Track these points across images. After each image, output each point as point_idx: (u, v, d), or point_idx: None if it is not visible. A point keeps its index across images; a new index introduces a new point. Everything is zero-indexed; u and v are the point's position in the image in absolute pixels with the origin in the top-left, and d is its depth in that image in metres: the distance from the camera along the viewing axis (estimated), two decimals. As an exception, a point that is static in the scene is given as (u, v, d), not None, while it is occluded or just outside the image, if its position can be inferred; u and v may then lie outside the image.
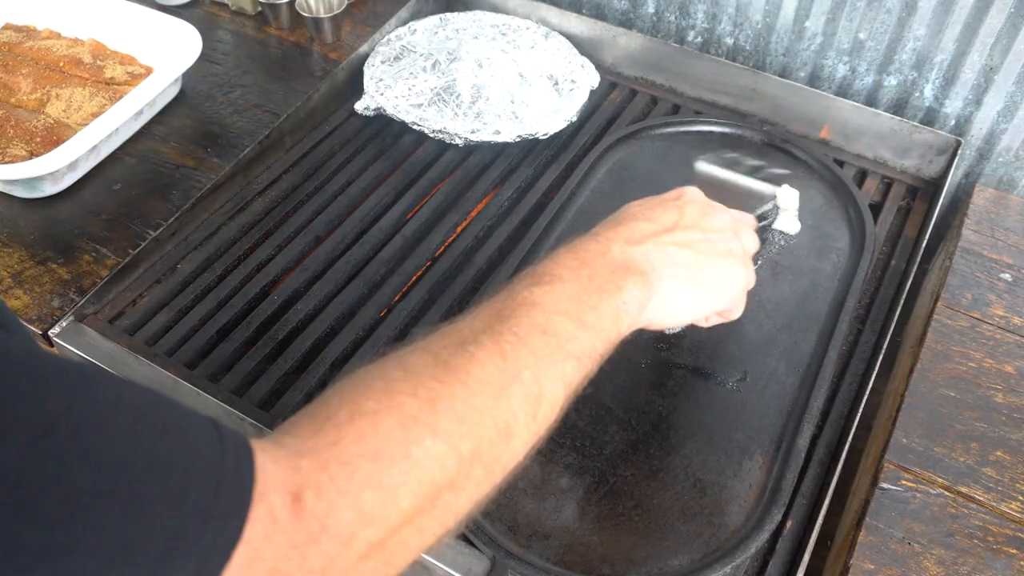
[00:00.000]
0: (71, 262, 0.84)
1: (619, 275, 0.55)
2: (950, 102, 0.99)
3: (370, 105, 1.00)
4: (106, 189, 0.92)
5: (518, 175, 0.96)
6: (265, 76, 1.06)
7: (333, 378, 0.76)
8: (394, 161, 0.98)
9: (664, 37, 1.12)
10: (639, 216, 0.60)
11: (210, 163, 0.95)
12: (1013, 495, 0.67)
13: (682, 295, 0.59)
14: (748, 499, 0.69)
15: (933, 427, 0.71)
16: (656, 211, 0.61)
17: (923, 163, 0.98)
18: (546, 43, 1.08)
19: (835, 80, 1.05)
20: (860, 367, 0.80)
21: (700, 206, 0.63)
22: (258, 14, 1.15)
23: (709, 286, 0.61)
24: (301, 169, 0.96)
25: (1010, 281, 0.83)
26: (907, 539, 0.64)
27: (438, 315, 0.81)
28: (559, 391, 0.49)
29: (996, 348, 0.77)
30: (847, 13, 0.98)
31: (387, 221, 0.91)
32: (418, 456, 0.42)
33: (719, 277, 0.62)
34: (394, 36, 1.08)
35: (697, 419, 0.74)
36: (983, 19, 0.91)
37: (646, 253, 0.57)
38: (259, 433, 0.71)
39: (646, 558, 0.65)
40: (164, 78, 0.95)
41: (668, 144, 1.00)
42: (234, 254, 0.87)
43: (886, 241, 0.92)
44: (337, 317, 0.81)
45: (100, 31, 1.05)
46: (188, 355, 0.78)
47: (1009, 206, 0.92)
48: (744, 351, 0.79)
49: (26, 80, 0.98)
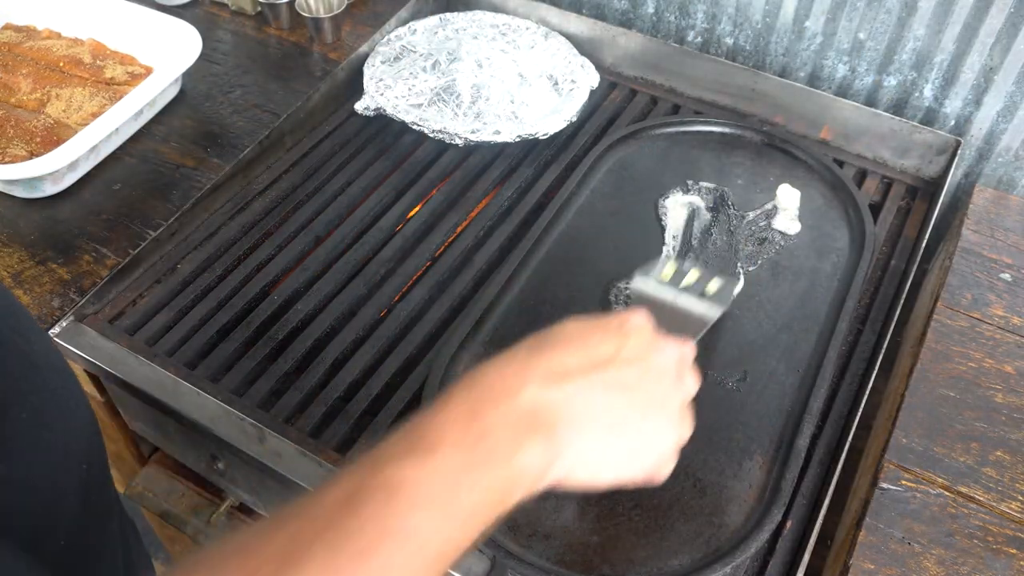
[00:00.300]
0: (71, 262, 0.84)
1: (520, 433, 0.44)
2: (950, 102, 0.99)
3: (370, 105, 1.00)
4: (106, 189, 0.92)
5: (518, 175, 0.96)
6: (265, 76, 1.06)
7: (333, 378, 0.76)
8: (394, 161, 0.98)
9: (664, 37, 1.12)
10: (571, 342, 0.49)
11: (210, 163, 0.95)
12: (1013, 495, 0.67)
13: (597, 457, 0.48)
14: (748, 499, 0.69)
15: (933, 427, 0.71)
16: (594, 337, 0.50)
17: (923, 163, 0.98)
18: (546, 43, 1.08)
19: (835, 80, 1.05)
20: (860, 367, 0.80)
21: (645, 339, 0.51)
22: (258, 14, 1.15)
23: (633, 447, 0.49)
24: (301, 169, 0.96)
25: (1010, 281, 0.83)
26: (907, 539, 0.64)
27: (438, 315, 0.81)
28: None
29: (996, 348, 0.77)
30: (847, 13, 0.98)
31: (387, 221, 0.91)
32: None
33: (647, 436, 0.50)
34: (394, 36, 1.08)
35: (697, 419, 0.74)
36: (983, 19, 0.91)
37: (565, 399, 0.46)
38: (259, 433, 0.71)
39: (646, 558, 0.65)
40: (164, 78, 0.95)
41: (668, 144, 1.00)
42: (234, 254, 0.87)
43: (886, 241, 0.92)
44: (337, 317, 0.81)
45: (100, 31, 1.05)
46: (188, 355, 0.78)
47: (1009, 206, 0.92)
48: (744, 351, 0.79)
49: (26, 80, 0.98)
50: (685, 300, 0.61)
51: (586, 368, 0.48)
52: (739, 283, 0.77)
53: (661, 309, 0.59)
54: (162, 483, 0.86)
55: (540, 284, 0.84)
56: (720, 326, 0.81)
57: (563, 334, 0.50)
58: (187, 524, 0.83)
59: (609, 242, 0.89)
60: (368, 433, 0.73)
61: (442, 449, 0.42)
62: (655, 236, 0.89)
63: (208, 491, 0.85)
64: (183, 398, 0.74)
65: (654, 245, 0.88)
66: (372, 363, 0.78)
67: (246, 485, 0.81)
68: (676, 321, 0.59)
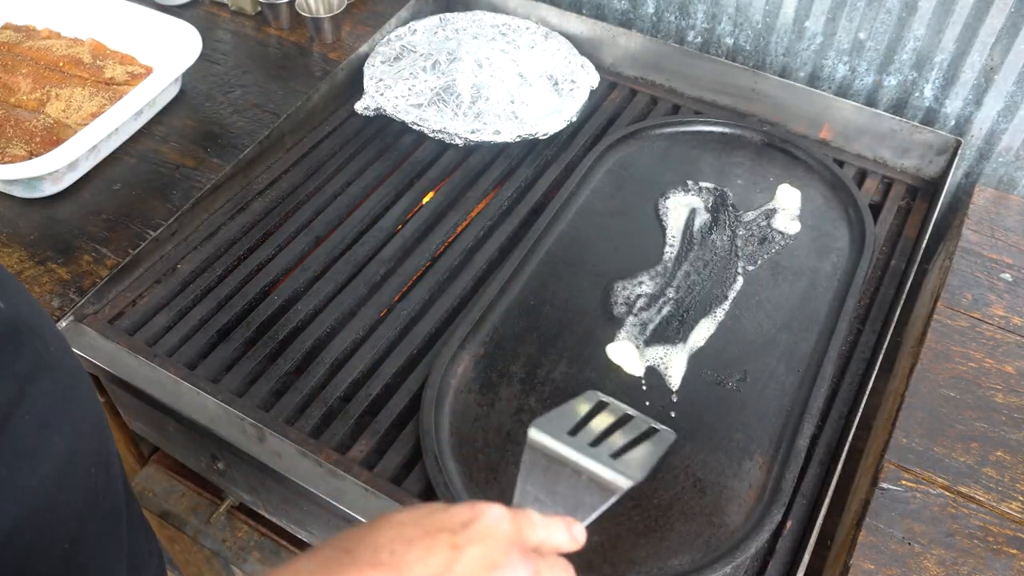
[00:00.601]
0: (71, 262, 0.84)
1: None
2: (950, 102, 0.99)
3: (370, 105, 1.00)
4: (106, 189, 0.92)
5: (518, 175, 0.96)
6: (265, 76, 1.06)
7: (333, 378, 0.76)
8: (394, 161, 0.98)
9: (664, 37, 1.12)
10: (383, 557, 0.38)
11: (210, 163, 0.95)
12: (1013, 495, 0.67)
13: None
14: (748, 499, 0.69)
15: (933, 427, 0.71)
16: (414, 552, 0.39)
17: (923, 163, 0.98)
18: (546, 43, 1.08)
19: (835, 80, 1.05)
20: (860, 367, 0.80)
21: (488, 551, 0.40)
22: (258, 14, 1.15)
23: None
24: (301, 169, 0.96)
25: (1010, 281, 0.83)
26: (907, 539, 0.64)
27: (438, 315, 0.81)
28: None
29: (996, 348, 0.77)
30: (847, 13, 0.98)
31: (387, 221, 0.90)
32: None
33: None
34: (394, 36, 1.08)
35: (697, 419, 0.74)
36: (983, 19, 0.91)
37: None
38: (259, 433, 0.71)
39: (646, 558, 0.65)
40: (164, 78, 0.95)
41: (668, 144, 1.00)
42: (234, 254, 0.87)
43: (886, 241, 0.92)
44: (337, 317, 0.81)
45: (100, 31, 1.05)
46: (188, 355, 0.78)
47: (1009, 206, 0.92)
48: (744, 351, 0.79)
49: (26, 80, 0.98)
50: (590, 461, 0.49)
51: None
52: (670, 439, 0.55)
53: (559, 468, 0.48)
54: (162, 483, 0.86)
55: (540, 284, 0.84)
56: (720, 326, 0.81)
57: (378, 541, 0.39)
58: (187, 524, 0.83)
59: (609, 242, 0.89)
60: (368, 433, 0.73)
61: None
62: (655, 236, 0.89)
63: (208, 491, 0.85)
64: (183, 398, 0.74)
65: (654, 245, 0.88)
66: (372, 363, 0.78)
67: (246, 485, 0.81)
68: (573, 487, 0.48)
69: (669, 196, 0.93)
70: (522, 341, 0.79)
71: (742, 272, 0.86)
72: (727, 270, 0.86)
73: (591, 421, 0.51)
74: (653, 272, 0.85)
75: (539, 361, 0.78)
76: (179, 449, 0.85)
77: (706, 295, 0.84)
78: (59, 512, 0.43)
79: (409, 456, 0.72)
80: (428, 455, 0.70)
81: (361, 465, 0.70)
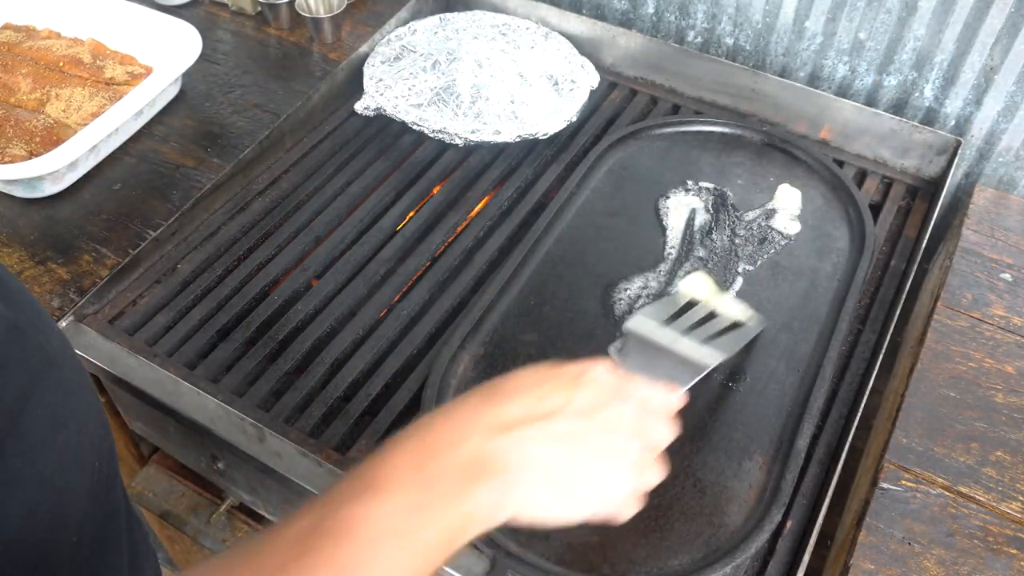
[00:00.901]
0: (71, 262, 0.84)
1: (468, 476, 0.46)
2: (950, 102, 0.99)
3: (370, 105, 1.00)
4: (106, 189, 0.92)
5: (518, 175, 0.96)
6: (265, 76, 1.06)
7: (333, 378, 0.76)
8: (394, 161, 0.98)
9: (664, 37, 1.12)
10: (519, 392, 0.51)
11: (210, 163, 0.95)
12: (1013, 495, 0.67)
13: (546, 499, 0.49)
14: (748, 499, 0.69)
15: (933, 427, 0.71)
16: (543, 388, 0.51)
17: (923, 163, 0.98)
18: (546, 43, 1.08)
19: (835, 80, 1.05)
20: (860, 367, 0.80)
21: (599, 392, 0.52)
22: (258, 14, 1.15)
23: (579, 492, 0.51)
24: (301, 169, 0.96)
25: (1010, 281, 0.83)
26: (907, 539, 0.64)
27: (438, 315, 0.81)
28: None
29: (996, 348, 0.77)
30: (847, 13, 0.98)
31: (387, 221, 0.91)
32: None
33: (595, 482, 0.51)
34: (394, 36, 1.08)
35: (697, 419, 0.74)
36: (983, 19, 0.91)
37: (508, 448, 0.48)
38: (259, 433, 0.71)
39: (646, 558, 0.65)
40: (164, 78, 0.95)
41: (668, 144, 1.00)
42: (234, 254, 0.87)
43: (886, 241, 0.92)
44: (337, 317, 0.81)
45: (100, 31, 1.05)
46: (188, 355, 0.78)
47: (1009, 206, 0.92)
48: (744, 351, 0.79)
49: (26, 80, 0.98)
50: (683, 344, 0.58)
51: (530, 419, 0.49)
52: (758, 329, 0.65)
53: (654, 352, 0.56)
54: (162, 483, 0.86)
55: (540, 284, 0.84)
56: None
57: (515, 383, 0.51)
58: (187, 524, 0.83)
59: (609, 242, 0.89)
60: (368, 433, 0.73)
61: (393, 490, 0.44)
62: (655, 236, 0.89)
63: (208, 491, 0.85)
64: (183, 398, 0.74)
65: (654, 245, 0.88)
66: (372, 363, 0.78)
67: (246, 485, 0.81)
68: (668, 366, 0.56)
69: (669, 196, 0.93)
70: (522, 341, 0.79)
71: (742, 272, 0.86)
72: (727, 270, 0.86)
73: (684, 314, 0.58)
74: (653, 272, 0.85)
75: (539, 361, 0.78)
76: (179, 449, 0.85)
77: (706, 295, 0.84)
78: (68, 505, 0.44)
79: (409, 456, 0.72)
80: (428, 455, 0.70)
81: (361, 465, 0.70)
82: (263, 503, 0.82)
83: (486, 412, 0.49)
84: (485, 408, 0.49)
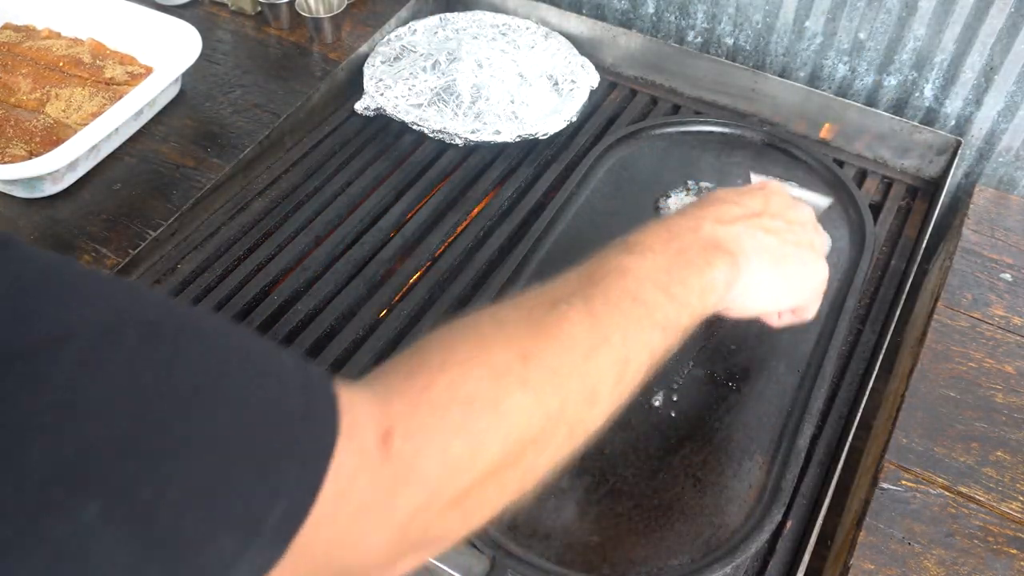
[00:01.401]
0: (71, 262, 0.84)
1: (709, 252, 0.55)
2: (950, 102, 0.99)
3: (370, 105, 1.00)
4: (106, 189, 0.92)
5: (518, 175, 0.96)
6: (265, 76, 1.06)
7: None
8: (394, 161, 0.98)
9: (664, 37, 1.12)
10: (727, 200, 0.60)
11: (210, 163, 0.95)
12: (1013, 495, 0.67)
13: (766, 281, 0.59)
14: (748, 499, 0.69)
15: (933, 427, 0.71)
16: (744, 197, 0.61)
17: (923, 163, 0.98)
18: (546, 43, 1.08)
19: (835, 80, 1.05)
20: (860, 367, 0.80)
21: (784, 198, 0.63)
22: (258, 14, 1.15)
23: (792, 276, 0.61)
24: (301, 169, 0.96)
25: (1010, 281, 0.83)
26: (907, 539, 0.64)
27: (438, 315, 0.81)
28: (644, 358, 0.49)
29: (996, 348, 0.77)
30: (847, 13, 0.98)
31: (387, 221, 0.90)
32: (507, 408, 0.42)
33: (803, 269, 0.62)
34: (394, 36, 1.08)
35: (697, 419, 0.74)
36: (983, 19, 0.91)
37: (736, 235, 0.57)
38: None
39: (646, 558, 0.65)
40: (164, 78, 0.95)
41: (668, 144, 1.00)
42: (234, 254, 0.87)
43: (886, 241, 0.92)
44: (337, 317, 0.81)
45: (100, 31, 1.05)
46: (188, 355, 0.78)
47: (1009, 206, 0.92)
48: (744, 351, 0.79)
49: (26, 80, 0.98)
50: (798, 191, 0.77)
51: (746, 216, 0.59)
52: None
53: None
54: (162, 483, 0.86)
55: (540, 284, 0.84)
56: (719, 325, 0.81)
57: (716, 196, 0.61)
58: (187, 524, 0.83)
59: (609, 242, 0.88)
60: (368, 433, 0.73)
61: (651, 253, 0.53)
62: (655, 236, 0.89)
63: (208, 491, 0.85)
64: (183, 398, 0.74)
65: (654, 245, 0.88)
66: (372, 363, 0.78)
67: (246, 485, 0.81)
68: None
69: (669, 196, 0.93)
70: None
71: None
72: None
73: None
74: (653, 272, 0.85)
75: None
76: (179, 449, 0.85)
77: (706, 295, 0.84)
78: None
79: (409, 456, 0.72)
80: (428, 455, 0.70)
81: (361, 465, 0.70)
82: (263, 503, 0.82)
83: (709, 211, 0.58)
84: (706, 210, 0.58)
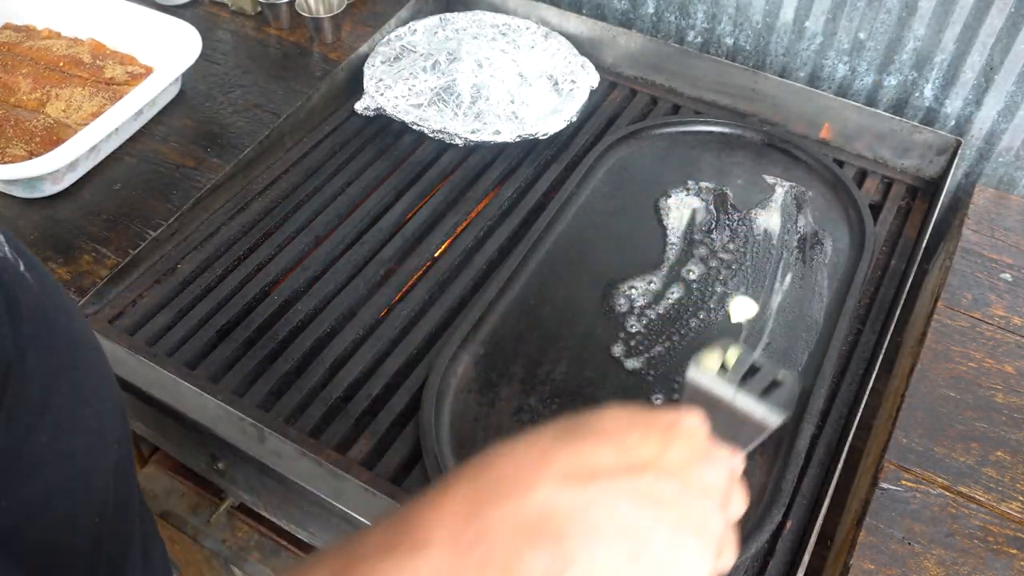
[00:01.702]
0: (71, 262, 0.84)
1: (522, 540, 0.37)
2: (950, 102, 0.99)
3: (370, 105, 1.00)
4: (106, 189, 0.92)
5: (518, 175, 0.96)
6: (265, 76, 1.06)
7: (333, 378, 0.76)
8: (394, 161, 0.98)
9: (664, 37, 1.12)
10: (606, 436, 0.41)
11: (210, 163, 0.95)
12: (1013, 495, 0.67)
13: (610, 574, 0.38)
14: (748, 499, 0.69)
15: (933, 427, 0.71)
16: (633, 435, 0.42)
17: (923, 163, 0.97)
18: (546, 43, 1.08)
19: (835, 80, 1.05)
20: (860, 367, 0.80)
21: (694, 447, 0.43)
22: (258, 14, 1.15)
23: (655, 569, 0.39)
24: (301, 169, 0.96)
25: (1010, 281, 0.83)
26: (907, 539, 0.64)
27: (438, 315, 0.81)
28: None
29: (996, 348, 0.77)
30: (847, 13, 0.98)
31: (387, 221, 0.90)
32: None
33: (674, 565, 0.39)
34: (394, 36, 1.08)
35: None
36: (983, 19, 0.91)
37: (582, 506, 0.38)
38: (259, 433, 0.71)
39: (646, 558, 0.65)
40: (164, 78, 0.95)
41: (668, 144, 1.00)
42: (234, 254, 0.87)
43: (886, 241, 0.92)
44: (337, 317, 0.81)
45: (100, 31, 1.05)
46: (188, 355, 0.78)
47: (1009, 206, 0.92)
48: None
49: (26, 80, 0.98)
50: (744, 401, 0.51)
51: (617, 471, 0.40)
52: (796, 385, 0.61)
53: (715, 408, 0.50)
54: (162, 483, 0.86)
55: (540, 284, 0.84)
56: (720, 325, 0.81)
57: (599, 425, 0.42)
58: (187, 524, 0.83)
59: (609, 242, 0.89)
60: (368, 433, 0.73)
61: (429, 550, 0.36)
62: (655, 236, 0.89)
63: (208, 491, 0.85)
64: (183, 398, 0.74)
65: (654, 245, 0.88)
66: (372, 363, 0.78)
67: (246, 485, 0.81)
68: (730, 425, 0.50)
69: (670, 196, 0.93)
70: (522, 341, 0.79)
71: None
72: (728, 270, 0.86)
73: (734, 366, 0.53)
74: (653, 272, 0.85)
75: (539, 361, 0.78)
76: (179, 449, 0.85)
77: (707, 295, 0.84)
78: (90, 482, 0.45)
79: (409, 456, 0.72)
80: (428, 455, 0.70)
81: (361, 465, 0.71)
82: (263, 503, 0.82)
83: (563, 455, 0.40)
84: (562, 450, 0.40)
